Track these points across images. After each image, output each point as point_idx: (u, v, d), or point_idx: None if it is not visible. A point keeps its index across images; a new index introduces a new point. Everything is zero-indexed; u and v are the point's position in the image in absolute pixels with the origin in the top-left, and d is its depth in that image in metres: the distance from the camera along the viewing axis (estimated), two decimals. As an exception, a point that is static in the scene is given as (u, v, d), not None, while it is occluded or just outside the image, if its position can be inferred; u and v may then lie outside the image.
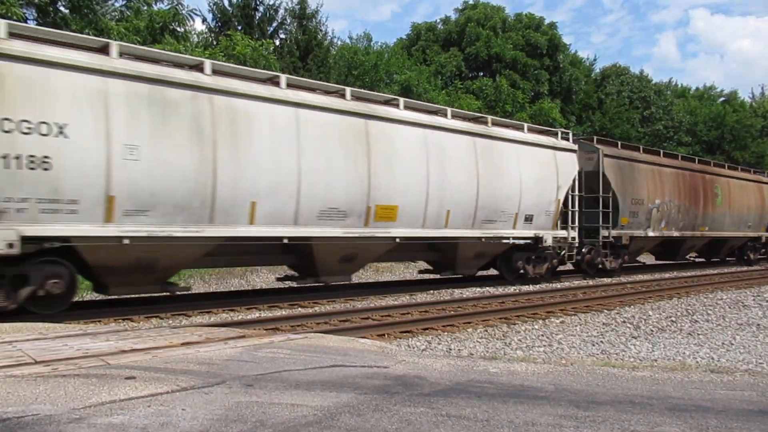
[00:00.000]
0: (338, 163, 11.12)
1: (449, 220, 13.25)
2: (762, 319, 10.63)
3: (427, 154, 12.63)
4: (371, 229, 11.80)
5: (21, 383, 4.15)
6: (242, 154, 9.89)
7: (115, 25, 16.16)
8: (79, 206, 8.45)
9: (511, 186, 14.46)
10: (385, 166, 11.87)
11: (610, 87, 43.63)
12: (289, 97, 10.60)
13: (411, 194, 12.33)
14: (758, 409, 4.14)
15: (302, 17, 27.97)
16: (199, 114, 9.50)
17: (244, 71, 10.82)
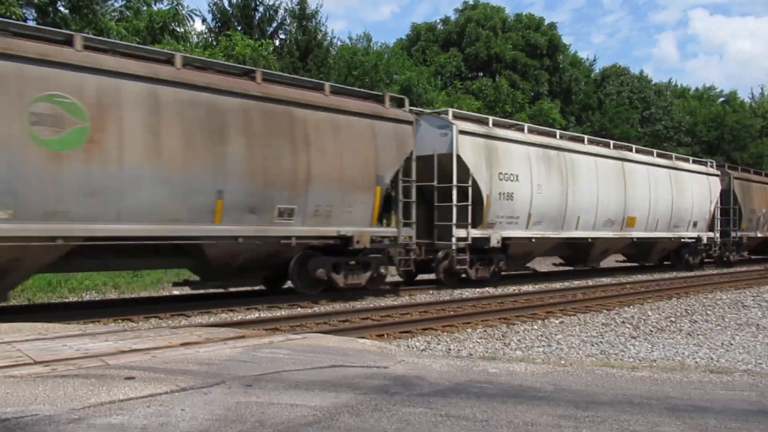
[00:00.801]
0: (612, 190, 17.79)
1: (658, 225, 19.85)
2: (761, 319, 10.64)
3: (650, 182, 19.34)
4: (623, 232, 18.45)
5: (20, 383, 4.15)
6: (575, 186, 16.48)
7: (114, 26, 16.17)
8: (518, 220, 15.06)
9: (688, 201, 20.93)
10: (631, 191, 18.51)
11: (609, 87, 43.65)
12: (590, 150, 17.52)
13: (641, 209, 18.97)
14: (757, 410, 4.14)
15: (302, 17, 27.97)
16: (561, 164, 16.22)
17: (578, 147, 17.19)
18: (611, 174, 17.68)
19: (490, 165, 14.23)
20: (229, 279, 10.96)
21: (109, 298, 12.53)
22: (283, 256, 11.10)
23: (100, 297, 12.82)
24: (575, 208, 16.39)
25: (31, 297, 12.27)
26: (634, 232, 18.71)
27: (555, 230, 16.04)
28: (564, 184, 16.04)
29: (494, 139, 14.52)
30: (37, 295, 12.42)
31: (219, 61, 11.45)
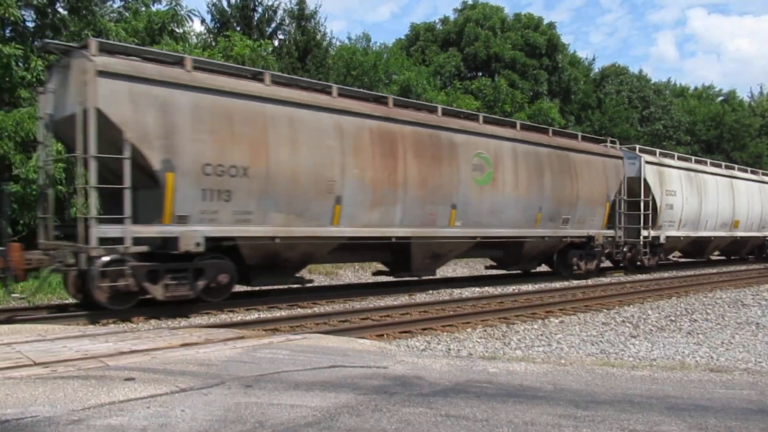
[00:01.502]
0: (726, 201, 22.86)
1: (752, 227, 25.04)
2: (761, 318, 10.64)
3: (747, 194, 24.48)
4: (731, 232, 23.50)
5: (20, 385, 4.15)
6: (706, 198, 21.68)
7: (113, 26, 16.14)
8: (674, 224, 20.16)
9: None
10: (737, 201, 23.58)
11: (609, 87, 43.67)
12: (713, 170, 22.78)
13: (743, 214, 24.03)
14: (757, 408, 4.14)
15: (301, 18, 27.96)
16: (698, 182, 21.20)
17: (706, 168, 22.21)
18: (725, 188, 23.09)
19: (661, 184, 19.57)
20: (524, 265, 16.40)
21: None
22: (554, 250, 16.71)
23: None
24: (705, 215, 21.74)
25: (31, 299, 12.26)
26: (738, 232, 24.08)
27: (693, 231, 21.36)
28: (699, 196, 21.45)
29: (662, 165, 20.00)
30: (37, 297, 12.41)
31: (534, 125, 17.53)
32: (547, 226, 15.51)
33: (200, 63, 10.30)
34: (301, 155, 10.63)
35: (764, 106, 52.23)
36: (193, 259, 9.73)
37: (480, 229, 13.86)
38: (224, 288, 10.26)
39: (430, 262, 13.66)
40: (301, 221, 10.76)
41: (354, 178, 11.34)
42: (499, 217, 14.18)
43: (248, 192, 10.04)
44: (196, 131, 9.52)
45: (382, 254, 13.26)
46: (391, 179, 11.94)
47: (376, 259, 13.88)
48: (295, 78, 12.40)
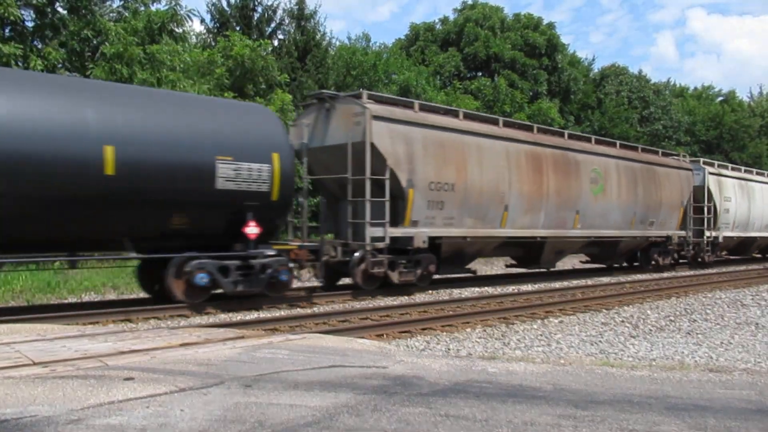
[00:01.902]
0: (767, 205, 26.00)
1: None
2: (760, 318, 10.65)
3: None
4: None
5: (19, 384, 4.14)
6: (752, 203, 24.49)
7: (113, 26, 16.14)
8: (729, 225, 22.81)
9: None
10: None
11: (608, 87, 43.68)
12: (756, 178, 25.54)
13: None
14: (756, 408, 4.14)
15: (300, 18, 27.98)
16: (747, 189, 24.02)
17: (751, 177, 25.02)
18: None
19: (720, 192, 22.53)
20: (616, 260, 19.42)
21: (108, 299, 12.52)
22: (640, 247, 19.70)
23: (99, 298, 12.81)
24: (753, 218, 24.69)
25: (30, 298, 12.26)
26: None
27: (743, 232, 24.19)
28: (748, 202, 24.33)
29: (721, 175, 23.04)
30: (36, 296, 12.41)
31: (629, 144, 20.36)
32: (638, 228, 18.80)
33: (423, 105, 13.64)
34: (484, 174, 13.88)
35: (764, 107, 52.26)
36: (409, 253, 12.78)
37: (593, 230, 17.08)
38: (430, 275, 13.40)
39: (554, 257, 16.94)
40: (481, 224, 14.00)
41: (516, 191, 14.57)
42: (607, 221, 17.45)
43: (453, 202, 13.32)
44: (425, 157, 12.77)
45: (518, 250, 16.31)
46: (538, 191, 15.15)
47: (512, 254, 16.91)
48: (475, 114, 15.62)
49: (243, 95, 20.18)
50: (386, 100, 13.11)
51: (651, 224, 19.22)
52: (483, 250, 14.75)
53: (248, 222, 10.22)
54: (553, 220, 15.63)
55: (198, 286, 9.80)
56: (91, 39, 16.34)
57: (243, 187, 10.17)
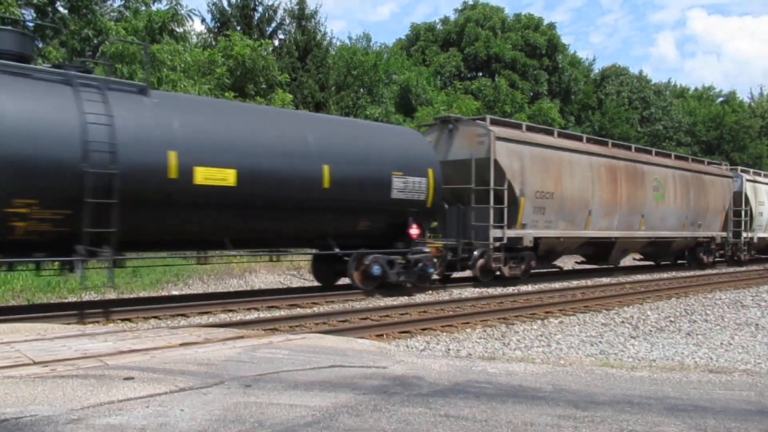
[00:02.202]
0: None
1: None
2: (760, 319, 10.64)
3: None
4: None
5: (19, 384, 4.14)
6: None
7: (113, 25, 16.15)
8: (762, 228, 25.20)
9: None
10: None
11: (609, 87, 43.67)
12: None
13: None
14: (756, 409, 4.14)
15: (301, 18, 27.96)
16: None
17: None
18: None
19: (755, 197, 24.81)
20: (667, 258, 22.37)
21: (108, 299, 12.52)
22: (688, 247, 22.04)
23: (99, 297, 12.81)
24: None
25: (30, 297, 12.26)
26: None
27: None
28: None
29: (756, 182, 25.18)
30: (36, 296, 12.41)
31: (681, 154, 23.13)
32: (689, 230, 21.26)
33: (529, 126, 16.28)
34: (574, 184, 16.27)
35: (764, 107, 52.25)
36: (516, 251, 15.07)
37: (654, 232, 19.51)
38: (530, 270, 15.65)
39: (620, 255, 19.35)
40: (571, 226, 16.39)
41: (597, 198, 16.99)
42: (665, 223, 19.92)
43: (552, 208, 15.67)
44: (532, 170, 15.15)
45: (591, 249, 18.48)
46: (613, 198, 17.60)
47: (586, 252, 18.92)
48: (565, 132, 18.44)
49: (243, 95, 20.17)
50: (502, 123, 15.67)
51: (699, 226, 21.75)
52: (569, 248, 17.47)
53: (411, 224, 12.74)
54: (624, 222, 18.17)
55: (372, 275, 12.16)
56: (91, 38, 16.35)
57: (408, 197, 12.67)
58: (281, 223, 11.05)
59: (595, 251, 18.64)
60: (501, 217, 14.46)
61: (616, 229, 17.84)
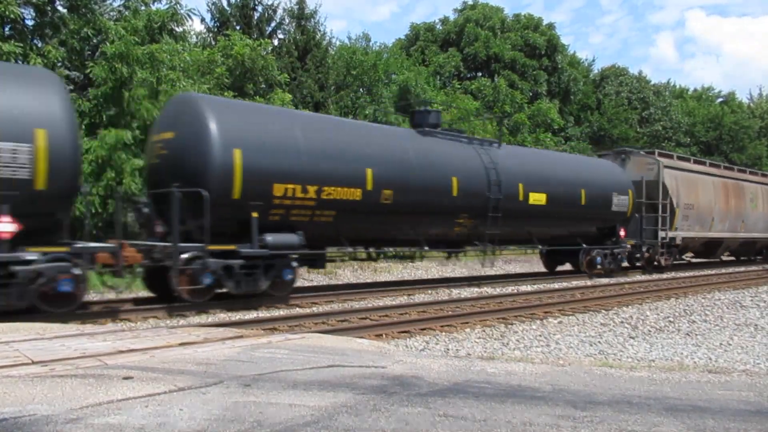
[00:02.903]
0: None
1: None
2: (760, 319, 10.65)
3: None
4: None
5: (18, 383, 4.14)
6: None
7: (113, 25, 16.12)
8: None
9: None
10: None
11: (608, 87, 43.69)
12: None
13: None
14: (755, 410, 4.14)
15: (301, 17, 27.93)
16: None
17: None
18: None
19: None
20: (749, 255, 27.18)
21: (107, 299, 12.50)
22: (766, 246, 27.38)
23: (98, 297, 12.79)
24: None
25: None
26: None
27: None
28: None
29: None
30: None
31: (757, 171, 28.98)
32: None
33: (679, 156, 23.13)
34: (704, 198, 22.05)
35: (763, 108, 52.27)
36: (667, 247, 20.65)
37: (749, 233, 25.02)
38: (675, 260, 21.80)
39: (723, 251, 24.97)
40: (701, 229, 22.00)
41: (717, 207, 22.76)
42: (756, 227, 25.38)
43: (692, 216, 21.26)
44: (682, 189, 20.87)
45: (703, 246, 23.87)
46: (726, 207, 23.24)
47: (697, 248, 24.03)
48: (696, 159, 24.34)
49: (243, 95, 20.15)
50: (664, 154, 22.27)
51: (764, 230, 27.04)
52: (696, 245, 23.33)
53: (620, 228, 18.31)
54: (731, 226, 23.75)
55: (595, 264, 17.47)
56: (91, 38, 16.32)
57: (619, 209, 18.15)
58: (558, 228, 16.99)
59: (706, 248, 24.22)
60: (664, 222, 19.98)
61: (726, 231, 23.52)
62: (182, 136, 10.34)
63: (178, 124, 10.49)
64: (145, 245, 10.16)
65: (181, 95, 12.39)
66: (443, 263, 20.94)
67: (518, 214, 15.19)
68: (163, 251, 9.85)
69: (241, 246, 10.33)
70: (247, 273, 10.38)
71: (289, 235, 10.91)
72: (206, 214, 9.70)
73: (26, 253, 8.38)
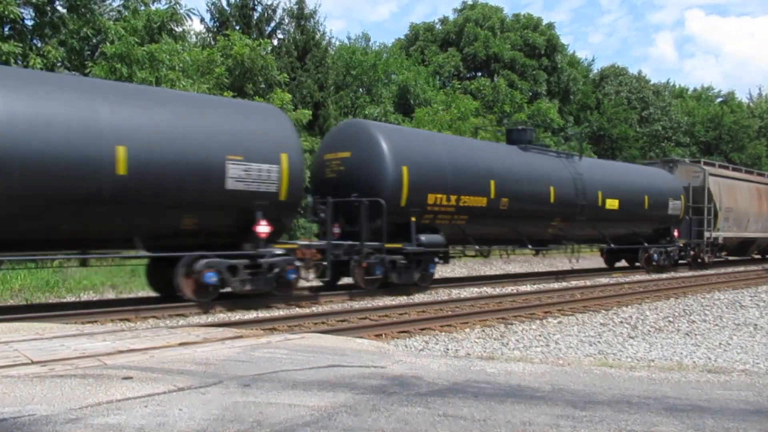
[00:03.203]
0: None
1: None
2: (759, 319, 10.65)
3: None
4: None
5: (17, 383, 4.14)
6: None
7: (112, 25, 16.12)
8: None
9: None
10: None
11: (608, 87, 43.71)
12: None
13: None
14: (755, 409, 4.14)
15: (300, 17, 27.93)
16: None
17: None
18: None
19: None
20: None
21: (107, 298, 12.52)
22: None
23: (98, 297, 12.80)
24: None
25: (28, 297, 12.26)
26: None
27: None
28: None
29: None
30: (35, 295, 12.40)
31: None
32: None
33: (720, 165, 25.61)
34: (742, 202, 24.30)
35: (763, 108, 52.29)
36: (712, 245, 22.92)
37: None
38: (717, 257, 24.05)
39: (754, 249, 27.09)
40: (738, 230, 24.20)
41: (752, 211, 25.14)
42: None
43: (731, 219, 23.40)
44: (724, 194, 23.07)
45: (737, 245, 25.39)
46: (759, 210, 25.61)
47: (731, 246, 25.07)
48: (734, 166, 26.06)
49: (242, 94, 20.15)
50: (708, 163, 24.50)
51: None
52: (733, 244, 25.05)
53: (675, 229, 20.72)
54: (763, 227, 26.01)
55: (653, 260, 19.80)
56: (90, 38, 16.33)
57: (673, 212, 20.54)
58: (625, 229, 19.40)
59: (738, 247, 26.17)
60: (709, 224, 22.09)
61: (759, 231, 25.94)
62: (359, 156, 12.68)
63: (354, 145, 12.83)
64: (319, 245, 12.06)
65: (352, 121, 15.46)
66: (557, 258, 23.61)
67: (598, 217, 17.75)
68: (350, 248, 12.05)
69: (406, 244, 12.62)
70: (406, 266, 12.76)
71: (436, 235, 13.34)
72: (384, 218, 12.06)
73: (275, 249, 10.91)
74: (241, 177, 10.27)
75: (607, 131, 38.79)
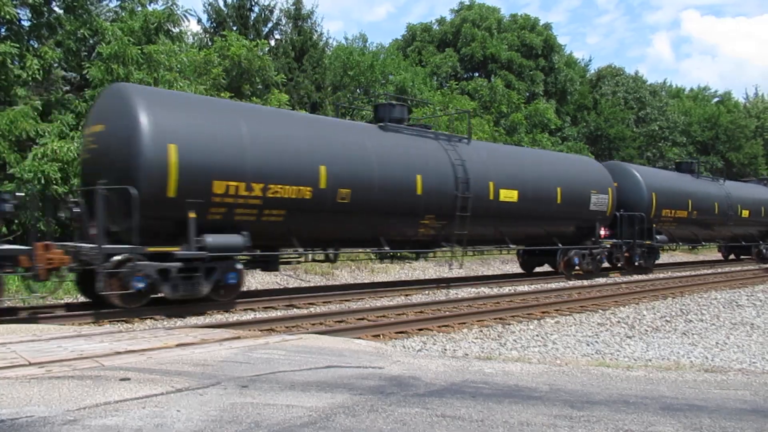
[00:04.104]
0: None
1: None
2: (756, 318, 10.68)
3: None
4: None
5: (15, 385, 4.14)
6: None
7: (109, 26, 16.08)
8: None
9: None
10: None
11: (605, 88, 43.75)
12: None
13: None
14: (751, 408, 4.16)
15: (297, 18, 27.91)
16: None
17: None
18: None
19: None
20: None
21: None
22: None
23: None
24: None
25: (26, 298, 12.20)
26: None
27: None
28: None
29: None
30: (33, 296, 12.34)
31: None
32: None
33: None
34: None
35: (759, 108, 52.40)
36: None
37: None
38: None
39: None
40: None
41: None
42: None
43: None
44: None
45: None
46: None
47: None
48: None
49: (240, 95, 20.13)
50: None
51: None
52: None
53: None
54: None
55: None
56: (87, 38, 16.29)
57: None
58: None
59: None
60: None
61: None
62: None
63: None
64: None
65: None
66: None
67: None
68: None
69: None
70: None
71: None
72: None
73: None
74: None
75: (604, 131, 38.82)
